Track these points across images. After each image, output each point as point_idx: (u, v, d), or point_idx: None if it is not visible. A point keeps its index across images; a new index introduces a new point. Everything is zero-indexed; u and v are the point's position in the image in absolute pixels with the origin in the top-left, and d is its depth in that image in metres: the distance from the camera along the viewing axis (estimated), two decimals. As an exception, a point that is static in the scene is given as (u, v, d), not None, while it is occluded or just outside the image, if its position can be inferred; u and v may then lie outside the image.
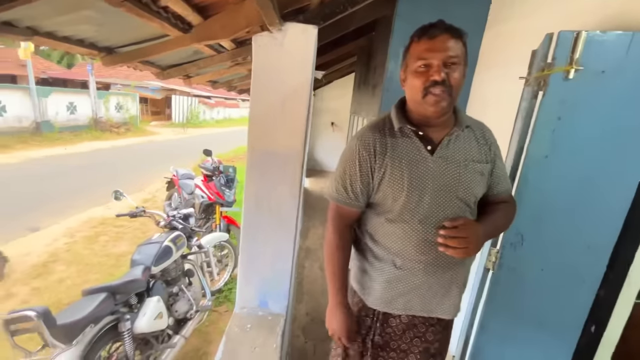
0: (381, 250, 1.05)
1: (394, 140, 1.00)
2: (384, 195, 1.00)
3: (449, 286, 1.05)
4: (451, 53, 0.88)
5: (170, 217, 2.68)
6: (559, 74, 1.17)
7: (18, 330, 1.57)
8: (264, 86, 1.36)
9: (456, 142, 1.00)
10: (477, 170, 1.00)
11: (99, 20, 1.16)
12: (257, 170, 1.43)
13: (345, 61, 5.31)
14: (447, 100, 0.90)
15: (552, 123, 1.20)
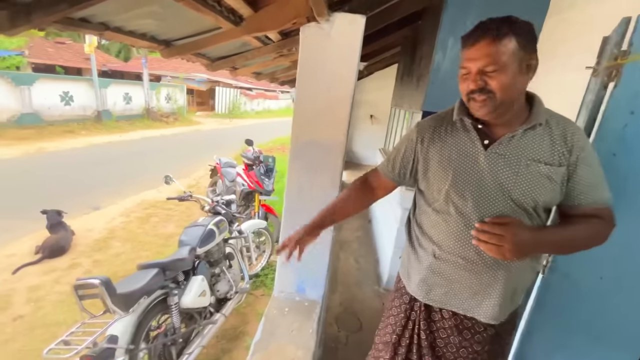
0: (425, 239, 1.06)
1: (451, 132, 1.00)
2: (430, 184, 1.02)
3: (489, 288, 0.99)
4: (487, 60, 0.83)
5: (214, 202, 2.83)
6: (635, 63, 1.05)
7: (85, 295, 1.76)
8: (310, 76, 1.38)
9: (522, 140, 0.92)
10: (541, 173, 0.90)
11: (160, 15, 1.24)
12: (300, 159, 1.46)
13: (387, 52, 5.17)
14: (490, 105, 0.86)
15: (624, 118, 1.09)
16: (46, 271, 3.25)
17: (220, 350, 2.45)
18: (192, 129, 14.27)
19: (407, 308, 1.15)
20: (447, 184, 0.96)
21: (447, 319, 1.08)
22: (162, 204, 5.17)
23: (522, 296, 1.09)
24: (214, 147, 9.28)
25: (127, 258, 3.63)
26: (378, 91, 6.96)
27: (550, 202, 0.94)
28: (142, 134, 11.61)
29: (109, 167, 7.09)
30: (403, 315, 1.16)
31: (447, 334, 1.09)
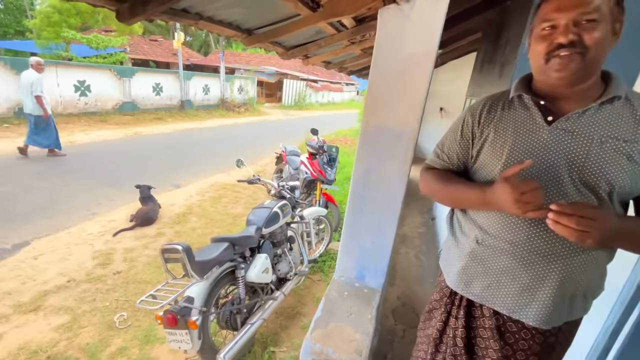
0: (468, 223, 0.97)
1: (508, 109, 0.90)
2: (481, 164, 0.93)
3: (540, 283, 0.86)
4: (587, 9, 0.72)
5: (280, 186, 2.97)
6: None
7: (169, 259, 2.01)
8: (386, 60, 1.35)
9: (596, 115, 0.80)
10: (620, 151, 0.77)
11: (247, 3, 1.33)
12: (369, 144, 1.45)
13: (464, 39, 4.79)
14: (578, 63, 0.74)
15: None
16: (138, 237, 3.78)
17: (279, 326, 2.60)
18: (261, 119, 15.10)
19: (447, 302, 1.06)
20: (501, 162, 0.87)
21: (488, 317, 0.97)
22: (231, 186, 5.61)
23: (585, 306, 0.92)
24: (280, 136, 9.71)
25: (201, 232, 4.04)
26: (450, 83, 6.52)
27: (629, 190, 0.79)
28: (217, 122, 12.66)
29: (189, 150, 7.91)
30: (443, 309, 1.08)
31: (487, 335, 0.97)
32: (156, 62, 16.23)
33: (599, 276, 0.91)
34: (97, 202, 4.59)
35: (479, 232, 0.94)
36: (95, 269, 3.09)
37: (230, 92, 16.38)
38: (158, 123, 10.99)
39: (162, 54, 16.58)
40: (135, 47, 15.24)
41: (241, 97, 17.35)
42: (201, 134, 10.12)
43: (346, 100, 29.54)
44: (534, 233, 0.84)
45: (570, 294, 0.88)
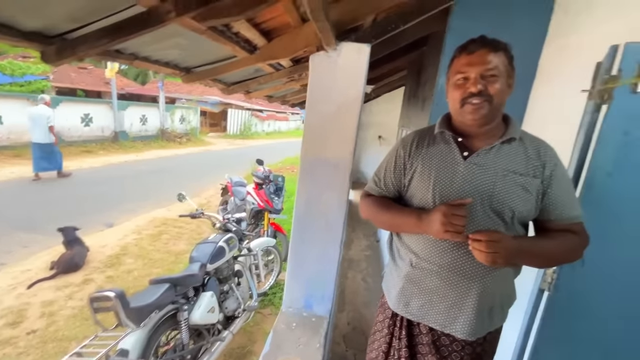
0: (403, 248, 1.10)
1: (432, 144, 1.06)
2: (412, 192, 1.07)
3: (463, 299, 1.00)
4: (489, 66, 0.92)
5: (225, 219, 2.91)
6: (625, 86, 1.12)
7: (100, 308, 1.82)
8: (319, 100, 1.48)
9: (498, 152, 0.99)
10: (517, 183, 0.96)
11: (184, 45, 1.38)
12: (308, 176, 1.54)
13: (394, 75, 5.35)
14: (487, 108, 0.93)
15: (618, 138, 1.14)
16: (60, 286, 3.33)
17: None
18: (205, 149, 14.64)
19: (390, 323, 1.16)
20: (429, 193, 1.01)
21: (425, 334, 1.08)
22: (173, 221, 5.28)
23: (502, 316, 1.09)
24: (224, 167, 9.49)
25: (138, 274, 3.70)
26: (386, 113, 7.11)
27: (526, 214, 0.98)
28: (156, 154, 11.97)
29: (124, 185, 7.31)
30: (387, 331, 1.17)
31: (425, 351, 1.08)
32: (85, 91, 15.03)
33: (511, 289, 1.10)
34: (7, 249, 3.97)
35: (413, 256, 1.07)
36: (2, 329, 2.63)
37: (170, 122, 15.73)
38: (87, 156, 10.04)
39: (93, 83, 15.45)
40: (61, 75, 14.00)
41: (183, 127, 16.74)
42: (138, 167, 9.45)
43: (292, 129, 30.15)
44: (456, 256, 0.99)
45: (489, 307, 1.03)
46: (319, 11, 0.91)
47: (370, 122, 7.52)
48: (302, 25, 1.45)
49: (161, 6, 0.91)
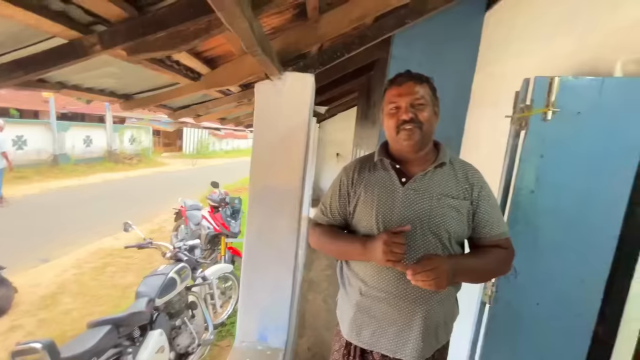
0: (352, 276, 1.12)
1: (373, 171, 1.11)
2: (357, 220, 1.10)
3: (411, 322, 1.04)
4: (417, 96, 1.01)
5: (176, 248, 2.75)
6: (538, 115, 1.25)
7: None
8: (265, 127, 1.48)
9: (432, 177, 1.06)
10: (451, 205, 1.03)
11: (118, 74, 1.31)
12: (258, 203, 1.52)
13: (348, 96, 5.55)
14: (419, 134, 1.01)
15: (535, 160, 1.27)
16: (-21, 337, 2.89)
17: (180, 413, 2.25)
18: (157, 171, 13.89)
19: (344, 353, 1.16)
20: (373, 219, 1.05)
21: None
22: (120, 252, 4.87)
23: (447, 331, 1.14)
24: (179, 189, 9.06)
25: (78, 315, 3.33)
26: (342, 131, 7.31)
27: (461, 234, 1.06)
28: (102, 177, 11.11)
29: (64, 214, 6.64)
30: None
31: None
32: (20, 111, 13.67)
33: (453, 305, 1.16)
34: None
35: (361, 284, 1.08)
36: None
37: (119, 143, 14.78)
38: (20, 183, 9.01)
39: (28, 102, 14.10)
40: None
41: (133, 147, 15.81)
42: (81, 193, 8.68)
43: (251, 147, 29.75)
44: (402, 283, 1.02)
45: (435, 327, 1.07)
46: (255, 46, 0.92)
47: (328, 140, 7.68)
48: (245, 54, 1.45)
49: (85, 39, 0.86)
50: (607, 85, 1.18)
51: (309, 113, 1.47)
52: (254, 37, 0.86)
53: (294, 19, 1.50)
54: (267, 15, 1.35)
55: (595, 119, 1.20)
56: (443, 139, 2.45)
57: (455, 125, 2.36)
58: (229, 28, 0.75)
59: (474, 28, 2.31)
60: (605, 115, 1.19)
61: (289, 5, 1.33)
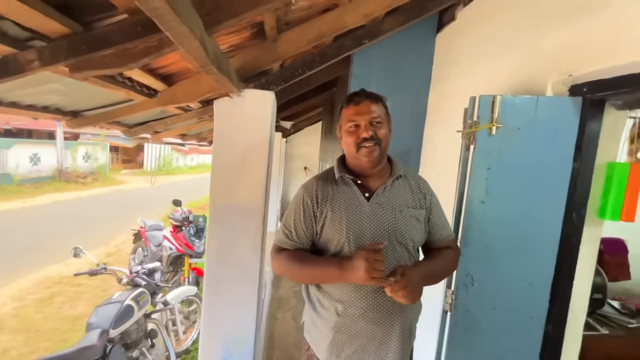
0: (326, 298, 1.10)
1: (336, 188, 1.12)
2: (326, 239, 1.09)
3: (390, 333, 1.06)
4: (374, 114, 1.06)
5: (134, 273, 2.57)
6: (484, 130, 1.35)
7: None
8: (225, 144, 1.46)
9: (391, 190, 1.11)
10: (412, 216, 1.10)
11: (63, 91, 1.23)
12: (219, 222, 1.47)
13: (313, 111, 5.63)
14: (378, 151, 1.06)
15: (484, 172, 1.35)
16: None
17: None
18: (115, 189, 13.07)
19: None
20: (343, 237, 1.05)
21: None
22: (70, 280, 4.46)
23: (413, 334, 1.17)
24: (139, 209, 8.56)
25: (17, 354, 2.98)
26: (309, 145, 7.37)
27: (421, 241, 1.13)
28: (52, 198, 10.23)
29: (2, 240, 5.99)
30: None
31: None
32: (-48, 128, 12.38)
33: (418, 312, 1.20)
34: None
35: (338, 304, 1.07)
36: None
37: (72, 161, 13.78)
38: (-50, 208, 8.08)
39: (-37, 118, 12.82)
40: None
41: (88, 165, 14.81)
42: (25, 216, 7.91)
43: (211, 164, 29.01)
44: (379, 296, 1.04)
45: (409, 330, 1.11)
46: (209, 65, 0.91)
47: (295, 154, 7.70)
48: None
49: (20, 55, 0.81)
50: (541, 103, 1.30)
51: (271, 129, 1.47)
52: (207, 56, 0.85)
53: (252, 37, 1.51)
54: (225, 33, 1.35)
55: (532, 133, 1.32)
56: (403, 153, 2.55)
57: (414, 139, 2.47)
58: (178, 47, 0.74)
59: (427, 48, 2.46)
60: (541, 130, 1.31)
61: (246, 24, 1.34)
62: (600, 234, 1.40)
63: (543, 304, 1.37)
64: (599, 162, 1.30)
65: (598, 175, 1.31)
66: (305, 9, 1.47)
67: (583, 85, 1.24)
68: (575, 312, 1.40)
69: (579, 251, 1.34)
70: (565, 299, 1.37)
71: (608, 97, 1.23)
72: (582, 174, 1.29)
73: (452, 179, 1.52)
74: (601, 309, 1.86)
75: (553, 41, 1.33)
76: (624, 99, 1.22)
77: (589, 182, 1.31)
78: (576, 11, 1.21)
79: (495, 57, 1.71)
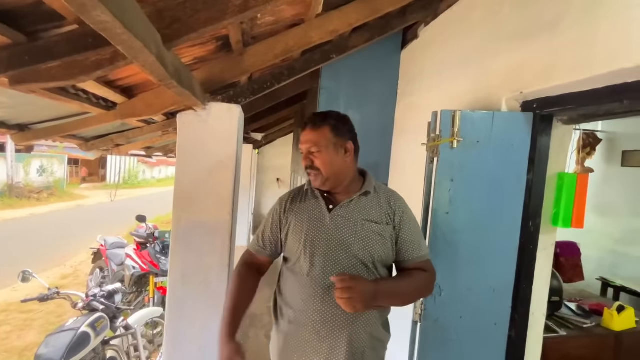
0: (283, 304, 1.12)
1: (304, 200, 1.16)
2: (289, 247, 1.13)
3: (336, 348, 1.04)
4: (309, 145, 1.08)
5: (90, 297, 2.38)
6: (446, 143, 1.40)
7: None
8: (190, 159, 1.41)
9: (357, 204, 1.11)
10: (373, 230, 1.08)
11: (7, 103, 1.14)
12: (183, 241, 1.40)
13: (285, 122, 5.63)
14: (320, 178, 1.08)
15: (447, 184, 1.40)
16: None
17: None
18: (74, 205, 12.24)
19: None
20: (302, 244, 1.08)
21: None
22: (18, 306, 4.06)
23: (379, 352, 1.14)
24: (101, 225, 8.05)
25: (-49, 395, 2.64)
26: (282, 156, 7.33)
27: (385, 258, 1.10)
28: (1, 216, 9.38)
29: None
30: None
31: None
32: None
33: (381, 332, 1.14)
34: None
35: (290, 310, 1.08)
36: None
37: (24, 175, 12.78)
38: None
39: None
40: None
41: (43, 179, 13.79)
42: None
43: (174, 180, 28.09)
44: (326, 308, 1.02)
45: (361, 352, 1.06)
46: (168, 79, 0.88)
47: (268, 165, 7.62)
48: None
49: (-49, 66, 0.73)
50: (497, 118, 1.38)
51: (238, 143, 1.44)
52: (166, 70, 0.82)
53: (218, 50, 1.49)
54: (189, 46, 1.32)
55: (490, 146, 1.38)
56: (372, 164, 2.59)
57: (382, 151, 2.52)
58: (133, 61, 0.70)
59: (392, 63, 2.55)
60: (498, 143, 1.38)
61: (210, 37, 1.31)
62: (554, 240, 1.49)
63: (506, 310, 1.42)
64: (550, 173, 1.39)
65: (550, 185, 1.40)
66: (271, 24, 1.47)
67: (533, 102, 1.33)
68: (536, 315, 1.47)
69: (536, 257, 1.41)
70: (526, 304, 1.43)
71: (555, 113, 1.32)
72: (536, 184, 1.37)
73: (419, 190, 1.55)
74: (559, 310, 1.96)
75: (504, 60, 1.42)
76: (568, 114, 1.32)
77: (542, 192, 1.39)
78: (522, 34, 1.31)
79: (455, 74, 1.80)
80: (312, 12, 1.43)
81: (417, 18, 2.11)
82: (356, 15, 1.59)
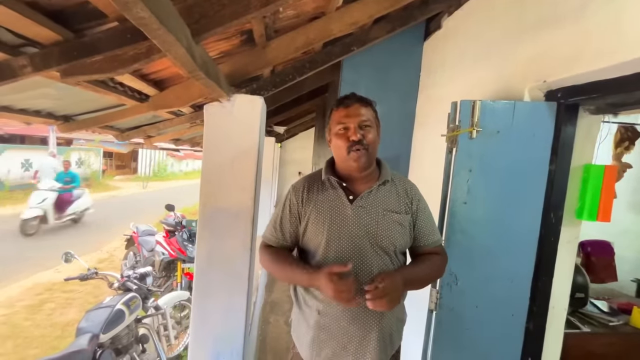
0: (309, 297, 1.12)
1: (322, 190, 1.14)
2: (309, 238, 1.12)
3: (369, 333, 1.07)
4: (363, 118, 1.07)
5: (125, 277, 2.57)
6: (465, 134, 1.40)
7: None
8: (215, 148, 1.49)
9: (377, 194, 1.12)
10: (395, 220, 1.10)
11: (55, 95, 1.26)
12: (209, 226, 1.49)
13: (307, 116, 5.69)
14: (366, 156, 1.06)
15: (466, 174, 1.40)
16: None
17: None
18: (109, 195, 12.97)
19: None
20: (325, 238, 1.08)
21: None
22: (60, 286, 4.42)
23: (399, 336, 1.19)
24: (133, 214, 8.52)
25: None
26: (303, 150, 7.43)
27: (404, 245, 1.13)
28: (43, 205, 10.10)
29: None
30: None
31: None
32: (-58, 133, 12.22)
33: (403, 312, 1.21)
34: None
35: (318, 303, 1.09)
36: None
37: (64, 167, 13.66)
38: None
39: (-46, 123, 12.68)
40: None
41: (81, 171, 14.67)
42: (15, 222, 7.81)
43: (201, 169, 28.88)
44: (357, 297, 1.03)
45: (389, 333, 1.11)
46: (196, 71, 0.95)
47: (290, 159, 7.74)
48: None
49: (13, 60, 0.84)
50: (518, 107, 1.36)
51: (260, 133, 1.51)
52: (194, 62, 0.89)
53: (242, 44, 1.55)
54: (214, 40, 1.40)
55: (510, 136, 1.37)
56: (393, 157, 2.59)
57: (403, 143, 2.52)
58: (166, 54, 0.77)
59: (414, 55, 2.53)
60: (518, 133, 1.36)
61: (235, 32, 1.38)
62: (578, 234, 1.45)
63: (524, 302, 1.41)
64: (574, 164, 1.36)
65: (574, 177, 1.36)
66: (292, 17, 1.52)
67: (557, 91, 1.30)
68: (556, 309, 1.44)
69: (557, 250, 1.39)
70: (545, 297, 1.41)
71: (581, 102, 1.29)
72: (558, 175, 1.34)
73: (439, 182, 1.56)
74: (583, 307, 1.91)
75: (528, 49, 1.39)
76: (595, 103, 1.28)
77: (565, 183, 1.36)
78: (546, 22, 1.28)
79: (478, 64, 1.77)
80: (333, 5, 1.47)
81: (440, 8, 2.09)
82: (377, 7, 1.60)
